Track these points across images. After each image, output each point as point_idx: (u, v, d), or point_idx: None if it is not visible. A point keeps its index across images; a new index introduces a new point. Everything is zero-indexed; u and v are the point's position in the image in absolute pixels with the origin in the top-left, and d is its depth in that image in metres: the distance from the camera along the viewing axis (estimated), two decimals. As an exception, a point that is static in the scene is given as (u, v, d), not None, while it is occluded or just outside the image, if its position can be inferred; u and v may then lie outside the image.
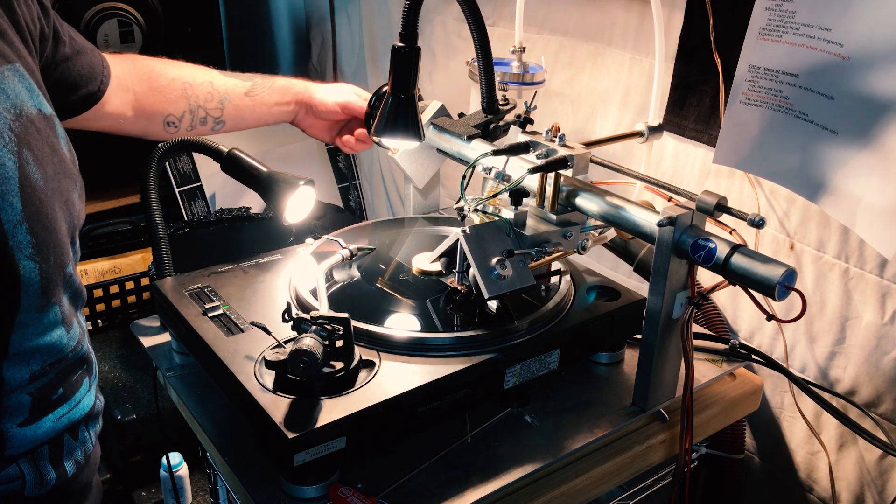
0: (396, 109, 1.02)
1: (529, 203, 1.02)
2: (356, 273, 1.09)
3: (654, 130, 1.14)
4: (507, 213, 0.98)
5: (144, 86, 1.14)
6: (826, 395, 1.13)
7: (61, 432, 0.81)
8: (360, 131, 1.25)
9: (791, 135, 1.02)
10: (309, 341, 0.82)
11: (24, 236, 0.71)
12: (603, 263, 1.46)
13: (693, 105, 1.25)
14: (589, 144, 1.03)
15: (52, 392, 0.79)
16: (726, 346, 1.12)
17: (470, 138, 1.13)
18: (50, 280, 0.74)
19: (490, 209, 1.01)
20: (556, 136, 1.02)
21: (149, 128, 1.16)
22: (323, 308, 0.95)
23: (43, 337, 0.76)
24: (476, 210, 1.01)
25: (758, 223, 0.83)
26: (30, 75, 0.77)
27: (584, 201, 0.99)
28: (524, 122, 1.09)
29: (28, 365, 0.76)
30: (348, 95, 1.25)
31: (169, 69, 1.18)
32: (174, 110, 1.17)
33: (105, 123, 1.11)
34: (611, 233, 1.06)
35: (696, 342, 1.13)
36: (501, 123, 1.15)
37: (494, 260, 0.93)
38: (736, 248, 0.84)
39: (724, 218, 0.88)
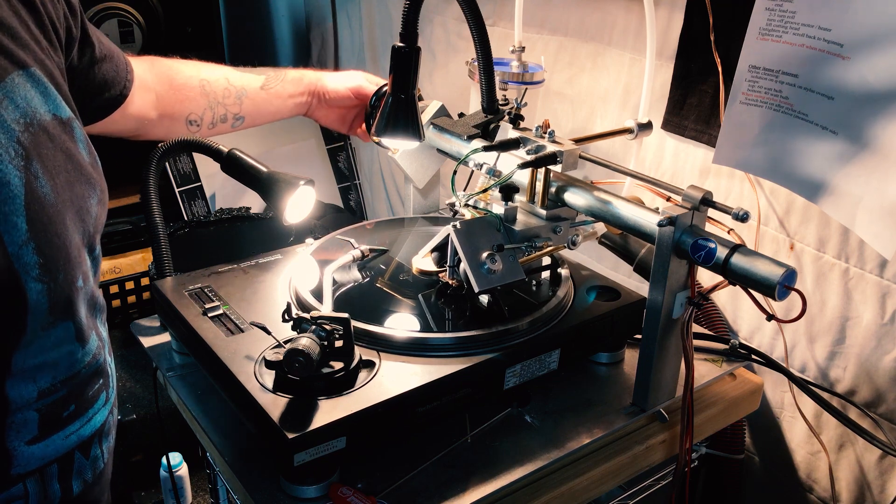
0: (396, 109, 1.02)
1: (520, 199, 1.03)
2: (358, 274, 1.09)
3: (644, 127, 1.14)
4: (498, 209, 0.99)
5: (165, 85, 1.14)
6: (826, 395, 1.13)
7: (72, 450, 0.78)
8: None
9: (791, 135, 1.02)
10: (305, 341, 0.82)
11: (30, 257, 0.68)
12: (603, 263, 1.46)
13: (693, 105, 1.25)
14: (578, 141, 1.04)
15: (63, 408, 0.76)
16: (726, 346, 1.12)
17: (470, 138, 1.13)
18: (58, 299, 0.71)
19: (481, 205, 1.01)
20: (545, 133, 1.02)
21: (172, 128, 1.16)
22: (326, 308, 0.95)
23: (50, 353, 0.73)
24: (467, 205, 1.02)
25: (742, 217, 0.84)
26: (47, 78, 0.74)
27: (573, 196, 0.99)
28: (515, 118, 1.10)
29: (35, 382, 0.72)
30: (359, 81, 1.25)
31: (185, 67, 1.18)
32: (195, 108, 1.17)
33: (130, 126, 1.10)
34: (599, 227, 1.07)
35: (696, 342, 1.13)
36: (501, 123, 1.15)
37: (485, 254, 0.93)
38: (736, 248, 0.84)
39: (722, 217, 0.89)
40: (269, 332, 0.89)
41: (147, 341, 1.13)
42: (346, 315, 0.86)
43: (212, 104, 1.18)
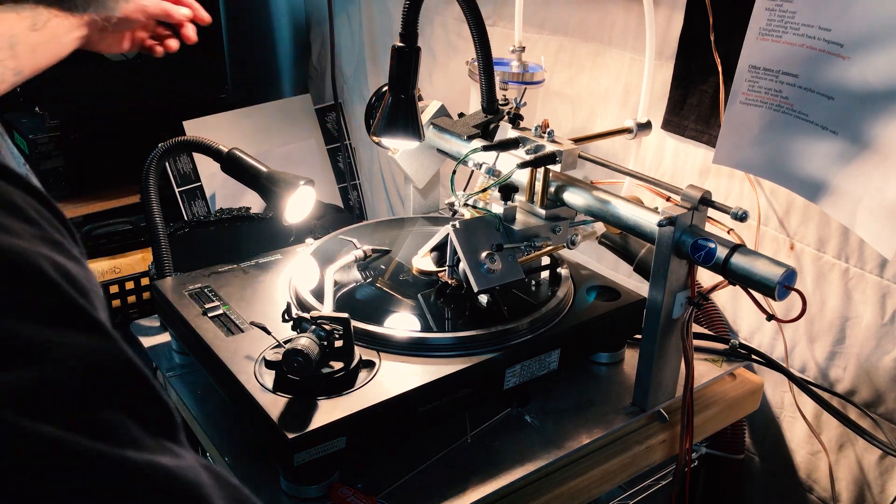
0: (396, 109, 1.03)
1: (519, 198, 1.03)
2: (358, 275, 1.09)
3: (643, 127, 1.14)
4: (497, 208, 0.99)
5: None
6: (826, 395, 1.13)
7: None
8: (167, 39, 1.14)
9: (791, 135, 1.02)
10: (304, 341, 0.82)
11: None
12: (603, 263, 1.46)
13: (693, 105, 1.25)
14: (578, 141, 1.04)
15: None
16: (726, 346, 1.12)
17: (470, 138, 1.13)
18: None
19: (480, 204, 1.01)
20: (545, 132, 1.02)
21: None
22: (326, 308, 0.95)
23: None
24: (466, 205, 1.02)
25: (741, 217, 0.84)
26: None
27: (572, 196, 0.99)
28: (515, 118, 1.10)
29: None
30: None
31: None
32: None
33: None
34: (599, 227, 1.07)
35: (696, 342, 1.13)
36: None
37: (484, 254, 0.93)
38: (736, 248, 0.84)
39: (722, 217, 0.89)
40: (268, 332, 0.89)
41: (147, 341, 1.13)
42: (345, 315, 0.86)
43: None
